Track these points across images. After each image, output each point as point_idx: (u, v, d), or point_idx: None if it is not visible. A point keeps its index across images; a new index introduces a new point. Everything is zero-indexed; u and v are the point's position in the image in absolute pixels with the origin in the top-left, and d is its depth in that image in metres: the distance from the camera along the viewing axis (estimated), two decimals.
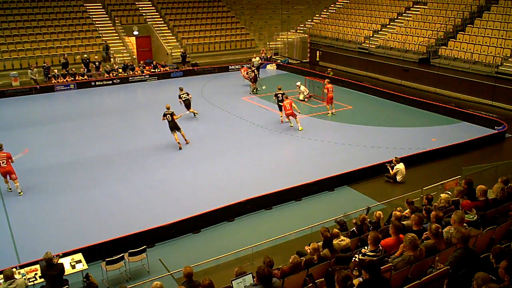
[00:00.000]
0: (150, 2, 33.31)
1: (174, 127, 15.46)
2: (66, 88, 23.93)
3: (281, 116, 18.09)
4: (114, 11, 31.28)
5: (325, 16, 34.29)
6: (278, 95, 17.95)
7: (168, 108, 15.63)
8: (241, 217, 11.34)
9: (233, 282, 6.35)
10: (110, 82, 25.11)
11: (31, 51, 25.95)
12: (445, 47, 23.95)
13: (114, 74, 25.66)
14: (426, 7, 28.13)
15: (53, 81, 24.10)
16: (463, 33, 24.10)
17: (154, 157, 15.05)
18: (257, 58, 26.19)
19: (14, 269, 7.99)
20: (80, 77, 24.95)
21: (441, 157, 14.55)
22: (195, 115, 18.94)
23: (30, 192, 12.64)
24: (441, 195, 8.46)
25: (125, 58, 27.87)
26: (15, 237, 10.45)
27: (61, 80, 24.35)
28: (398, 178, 12.97)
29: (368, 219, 8.76)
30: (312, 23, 34.30)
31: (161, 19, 32.40)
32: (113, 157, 15.08)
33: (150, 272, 9.23)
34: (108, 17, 31.04)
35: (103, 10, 31.34)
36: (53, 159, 14.90)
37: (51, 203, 12.01)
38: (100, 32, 29.27)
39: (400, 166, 12.99)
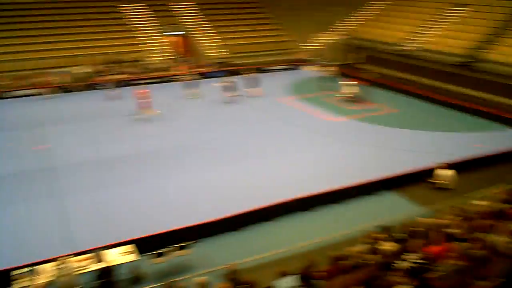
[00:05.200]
0: (189, 2, 33.48)
1: None
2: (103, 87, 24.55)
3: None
4: (151, 11, 31.48)
5: (368, 17, 33.61)
6: None
7: None
8: (286, 217, 11.50)
9: (276, 282, 6.49)
10: (149, 81, 25.54)
11: (69, 50, 26.68)
12: (490, 50, 22.86)
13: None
14: (472, 9, 26.93)
15: (96, 80, 25.11)
16: (510, 36, 22.87)
17: (200, 155, 15.49)
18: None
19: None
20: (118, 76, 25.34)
21: (490, 164, 14.14)
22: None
23: (83, 186, 13.30)
24: (478, 202, 8.35)
25: (163, 58, 28.40)
26: (72, 225, 11.05)
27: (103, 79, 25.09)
28: (446, 184, 12.68)
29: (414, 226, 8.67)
30: (353, 24, 33.75)
31: (200, 18, 32.53)
32: (162, 152, 15.73)
33: (196, 267, 9.46)
34: (146, 17, 31.21)
35: (141, 10, 31.51)
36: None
37: (109, 195, 12.65)
38: (136, 32, 29.60)
39: (449, 172, 12.70)
